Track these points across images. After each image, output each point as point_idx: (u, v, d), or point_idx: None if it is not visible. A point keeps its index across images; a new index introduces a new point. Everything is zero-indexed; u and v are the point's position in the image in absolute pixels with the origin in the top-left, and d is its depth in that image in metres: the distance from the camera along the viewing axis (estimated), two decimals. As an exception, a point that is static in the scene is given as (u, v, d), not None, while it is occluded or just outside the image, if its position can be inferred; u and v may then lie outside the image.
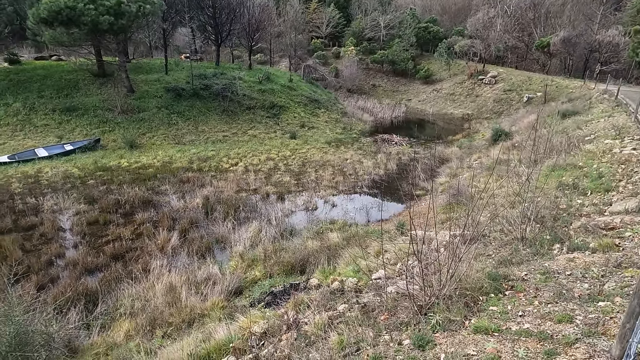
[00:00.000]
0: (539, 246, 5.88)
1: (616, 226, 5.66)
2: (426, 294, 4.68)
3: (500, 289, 4.64)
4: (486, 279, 4.91)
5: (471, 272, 5.23)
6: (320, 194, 15.16)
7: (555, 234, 6.09)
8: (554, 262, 5.01)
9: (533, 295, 4.16)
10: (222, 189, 15.28)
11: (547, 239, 6.01)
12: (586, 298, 3.78)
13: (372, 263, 8.19)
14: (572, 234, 6.08)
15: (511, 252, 6.14)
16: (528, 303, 4.03)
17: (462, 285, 4.84)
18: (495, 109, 38.62)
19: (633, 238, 5.09)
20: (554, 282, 4.36)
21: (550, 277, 4.53)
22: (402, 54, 54.77)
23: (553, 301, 3.88)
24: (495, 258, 6.20)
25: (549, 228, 6.48)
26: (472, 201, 10.99)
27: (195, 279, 8.59)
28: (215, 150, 21.69)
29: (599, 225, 5.88)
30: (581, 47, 38.56)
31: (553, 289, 4.15)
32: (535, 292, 4.26)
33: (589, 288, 3.98)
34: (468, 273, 5.00)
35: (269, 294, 7.82)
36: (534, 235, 6.34)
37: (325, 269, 8.45)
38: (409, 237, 10.36)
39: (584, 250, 5.13)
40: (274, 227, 11.66)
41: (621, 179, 8.09)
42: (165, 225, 11.79)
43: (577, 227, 6.20)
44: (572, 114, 20.64)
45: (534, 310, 3.82)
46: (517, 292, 4.43)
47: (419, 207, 13.59)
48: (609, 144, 11.30)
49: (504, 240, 6.79)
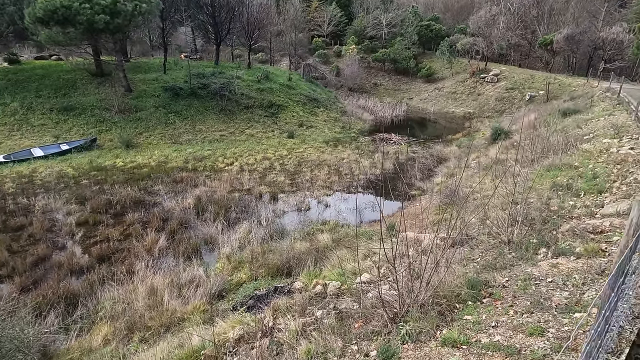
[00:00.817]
0: (525, 250, 5.66)
1: (605, 230, 5.43)
2: (401, 301, 4.49)
3: (479, 296, 4.44)
4: (465, 286, 4.71)
5: (451, 278, 5.04)
6: (314, 194, 14.98)
7: (542, 238, 5.87)
8: (537, 268, 4.80)
9: (510, 304, 3.96)
10: (215, 189, 15.15)
11: (533, 243, 5.79)
12: (563, 308, 3.57)
13: (359, 265, 7.99)
14: (559, 238, 5.85)
15: (496, 256, 5.93)
16: (503, 312, 3.82)
17: (439, 293, 4.65)
18: (497, 108, 38.19)
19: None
20: (533, 290, 4.15)
21: (531, 284, 4.32)
22: (404, 52, 54.40)
23: (529, 311, 3.67)
24: (480, 262, 5.99)
25: (537, 231, 6.26)
26: (463, 203, 10.77)
27: (179, 282, 8.45)
28: (211, 150, 21.57)
29: (588, 228, 5.65)
30: (585, 45, 38.00)
31: (531, 298, 3.95)
32: (513, 300, 4.05)
33: (568, 297, 3.77)
34: (446, 279, 4.80)
35: (252, 297, 7.65)
36: (521, 238, 6.12)
37: (311, 271, 8.28)
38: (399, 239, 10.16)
39: (569, 256, 4.91)
40: (264, 228, 11.49)
41: (616, 179, 7.83)
42: (154, 226, 11.67)
43: (566, 230, 5.97)
44: (573, 112, 20.30)
45: (508, 320, 3.61)
46: (495, 299, 4.23)
47: (413, 208, 13.38)
48: (606, 143, 11.02)
49: (491, 244, 6.57)
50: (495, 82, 42.76)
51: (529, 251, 5.58)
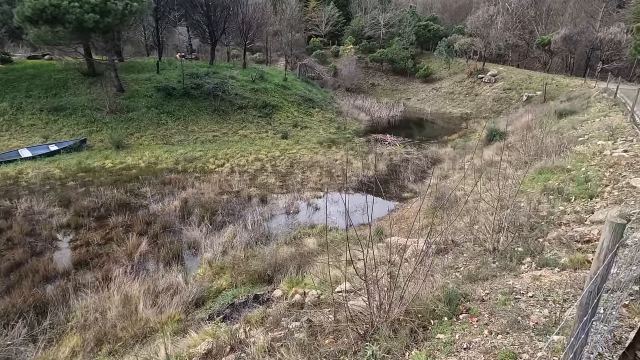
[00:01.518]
0: (509, 260, 5.38)
1: (592, 239, 5.15)
2: (371, 317, 4.20)
3: (455, 311, 4.15)
4: (443, 299, 4.42)
5: (429, 290, 4.76)
6: (304, 197, 14.69)
7: (528, 246, 5.59)
8: (519, 280, 4.52)
9: (485, 322, 3.67)
10: (203, 191, 14.86)
11: (518, 252, 5.50)
12: (541, 329, 3.29)
13: (341, 273, 7.71)
14: (546, 246, 5.57)
15: (480, 265, 5.65)
16: (478, 332, 3.54)
17: (414, 307, 4.36)
18: (495, 108, 37.93)
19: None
20: (512, 306, 3.87)
21: (510, 299, 4.04)
22: (402, 52, 54.13)
23: (504, 331, 3.39)
24: (464, 271, 5.70)
25: (524, 239, 5.97)
26: (451, 207, 10.50)
27: (157, 289, 8.16)
28: (203, 151, 21.27)
29: (575, 237, 5.37)
30: (582, 45, 37.76)
31: (509, 315, 3.66)
32: (490, 317, 3.76)
33: (547, 316, 3.49)
34: (423, 292, 4.52)
35: (230, 305, 7.37)
36: (506, 246, 5.84)
37: (293, 278, 7.99)
38: (385, 244, 9.85)
39: (553, 267, 4.63)
40: (250, 232, 11.20)
41: (607, 183, 7.56)
42: (137, 230, 11.38)
43: (553, 237, 5.69)
44: (569, 113, 20.03)
45: (481, 341, 3.33)
46: (472, 316, 3.95)
47: (403, 211, 13.10)
48: (600, 145, 10.74)
49: (476, 251, 6.29)
50: (492, 82, 42.50)
51: (513, 261, 5.30)
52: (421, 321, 4.16)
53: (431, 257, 7.21)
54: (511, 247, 5.77)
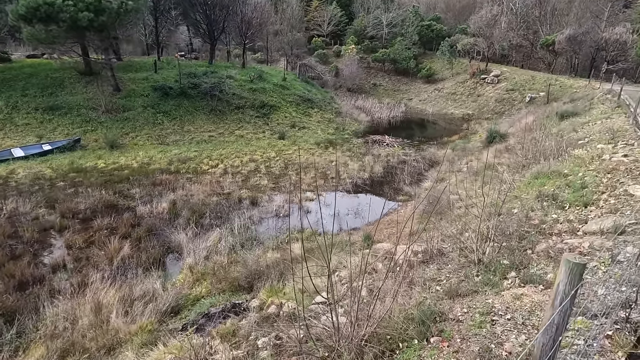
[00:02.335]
0: (493, 273, 5.01)
1: (582, 252, 4.77)
2: (336, 338, 3.87)
3: (427, 334, 3.80)
4: (417, 318, 4.08)
5: (402, 308, 4.41)
6: (296, 199, 14.35)
7: (515, 259, 5.21)
8: (499, 299, 4.16)
9: (456, 349, 3.32)
10: (193, 193, 14.57)
11: (503, 265, 5.13)
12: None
13: (322, 282, 7.37)
14: (533, 259, 5.20)
15: (463, 278, 5.28)
16: None
17: (383, 328, 4.02)
18: (497, 109, 37.40)
19: (597, 271, 4.20)
20: (487, 329, 3.51)
21: (487, 321, 3.68)
22: (404, 52, 53.63)
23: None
24: (445, 285, 5.34)
25: (511, 250, 5.60)
26: (445, 212, 10.11)
27: (133, 296, 7.86)
28: (198, 151, 21.01)
29: (564, 250, 4.99)
30: (587, 46, 37.11)
31: (482, 342, 3.31)
32: (461, 343, 3.41)
33: (522, 344, 3.13)
34: (394, 311, 4.17)
35: (205, 315, 7.05)
36: (492, 258, 5.47)
37: (273, 287, 7.65)
38: (373, 250, 9.49)
39: (538, 284, 4.26)
40: (236, 236, 10.89)
41: (604, 190, 7.15)
42: (121, 233, 11.11)
43: (542, 250, 5.31)
44: (571, 115, 19.54)
45: (447, 373, 2.98)
46: (443, 340, 3.60)
47: (396, 215, 12.73)
48: (600, 149, 10.32)
49: (461, 263, 5.92)
50: (495, 83, 41.94)
51: (496, 275, 4.93)
52: (390, 344, 3.82)
53: (415, 267, 6.88)
54: (497, 259, 5.41)
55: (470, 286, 4.90)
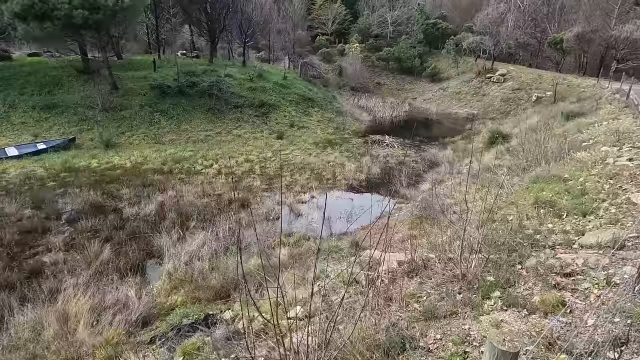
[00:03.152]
0: (475, 291, 4.54)
1: (574, 271, 4.27)
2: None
3: (391, 364, 3.36)
4: (383, 346, 3.63)
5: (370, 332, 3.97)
6: (288, 201, 13.94)
7: (501, 275, 4.73)
8: (477, 325, 3.69)
9: (417, 389, 2.87)
10: (183, 194, 14.23)
11: (488, 282, 4.65)
12: (478, 410, 2.48)
13: (302, 293, 6.95)
14: (522, 275, 4.71)
15: (444, 295, 4.82)
16: (404, 403, 2.74)
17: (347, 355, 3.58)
18: (502, 109, 36.60)
19: (588, 294, 3.71)
20: (457, 365, 3.05)
21: (458, 353, 3.22)
22: (409, 51, 52.90)
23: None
24: (425, 303, 4.88)
25: (498, 265, 5.11)
26: (438, 218, 9.61)
27: (105, 304, 7.50)
28: (193, 151, 20.70)
29: (556, 266, 4.49)
30: (596, 44, 36.12)
31: (447, 380, 2.85)
32: (425, 381, 2.96)
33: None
34: (355, 337, 3.73)
35: (175, 327, 6.67)
36: (478, 273, 4.99)
37: (250, 297, 7.23)
38: (361, 257, 9.01)
39: (521, 309, 3.79)
40: (221, 240, 10.50)
41: (605, 198, 6.62)
42: (104, 236, 10.79)
43: (531, 265, 4.82)
44: (577, 115, 18.88)
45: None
46: (407, 375, 3.14)
47: (389, 219, 12.22)
48: (604, 152, 9.75)
49: (445, 277, 5.44)
50: (501, 82, 41.10)
51: (479, 293, 4.46)
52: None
53: (398, 279, 6.42)
54: (482, 275, 4.93)
55: (450, 306, 4.44)
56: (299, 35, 44.40)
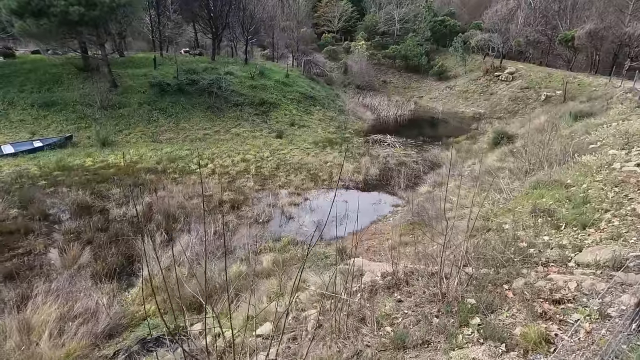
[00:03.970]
0: (453, 315, 4.04)
1: (566, 297, 3.74)
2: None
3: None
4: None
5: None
6: (280, 203, 13.50)
7: (484, 298, 4.21)
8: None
9: None
10: (174, 195, 13.88)
11: (469, 305, 4.14)
12: None
13: (279, 306, 6.49)
14: (508, 298, 4.19)
15: (421, 318, 4.32)
16: None
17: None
18: (510, 108, 35.67)
19: (578, 329, 3.18)
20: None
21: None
22: (416, 48, 52.00)
23: None
24: (400, 326, 4.39)
25: (482, 285, 4.59)
26: (432, 224, 9.10)
27: (73, 312, 7.14)
28: (190, 150, 20.37)
29: (544, 290, 3.96)
30: (609, 41, 34.94)
31: None
32: None
33: None
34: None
35: (141, 341, 6.29)
36: (459, 294, 4.48)
37: (224, 308, 6.83)
38: (348, 265, 8.52)
39: (499, 343, 3.27)
40: (207, 243, 10.10)
41: (609, 208, 6.04)
42: (86, 238, 10.48)
43: (519, 287, 4.29)
44: (586, 115, 18.10)
45: None
46: None
47: (383, 224, 11.74)
48: (611, 155, 9.10)
49: (426, 295, 4.93)
50: (509, 80, 40.10)
51: (457, 319, 3.96)
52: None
53: (379, 294, 5.93)
54: (464, 295, 4.41)
55: (423, 332, 3.94)
56: (303, 33, 43.83)
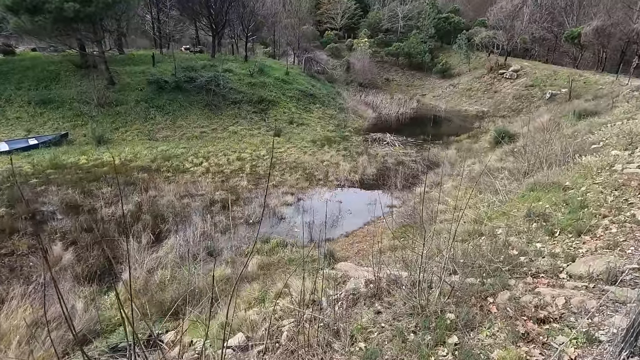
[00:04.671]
0: (431, 332, 3.70)
1: (552, 315, 3.38)
2: None
3: None
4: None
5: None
6: (272, 203, 13.19)
7: (464, 313, 3.87)
8: (415, 387, 2.86)
9: None
10: (165, 194, 13.63)
11: (447, 321, 3.80)
12: None
13: (256, 314, 6.19)
14: (490, 313, 3.84)
15: (396, 334, 3.98)
16: None
17: None
18: (514, 106, 35.07)
19: (561, 356, 2.83)
20: None
21: None
22: (419, 46, 51.38)
23: None
24: (373, 342, 4.06)
25: (465, 298, 4.24)
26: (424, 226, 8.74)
27: (48, 317, 6.89)
28: (186, 148, 20.14)
29: (529, 307, 3.61)
30: (617, 38, 34.19)
31: None
32: None
33: None
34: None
35: (112, 349, 6.02)
36: (439, 307, 4.13)
37: (200, 315, 6.55)
38: (334, 270, 8.20)
39: (473, 368, 2.93)
40: (191, 246, 9.83)
41: (607, 213, 5.65)
42: (71, 238, 10.25)
43: (502, 302, 3.94)
44: (590, 114, 17.60)
45: None
46: None
47: (376, 227, 11.39)
48: (613, 156, 8.67)
49: (405, 308, 4.59)
50: (514, 78, 39.44)
51: (434, 335, 3.62)
52: None
53: (359, 304, 5.60)
54: (445, 309, 4.07)
55: (397, 351, 3.61)
56: (305, 30, 43.43)
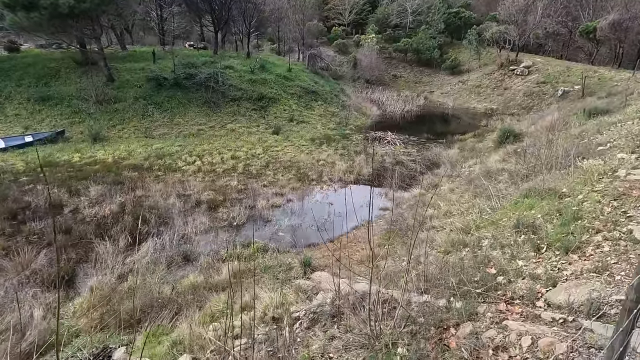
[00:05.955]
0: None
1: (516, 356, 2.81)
2: None
3: None
4: None
5: None
6: (260, 205, 12.73)
7: (418, 348, 3.31)
8: None
9: None
10: (151, 194, 13.29)
11: (398, 358, 3.25)
12: None
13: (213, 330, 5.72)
14: (449, 349, 3.28)
15: (341, 369, 3.46)
16: None
17: None
18: (525, 104, 33.88)
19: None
20: None
21: None
22: (428, 42, 50.19)
23: None
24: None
25: (430, 325, 3.68)
26: (409, 233, 8.24)
27: (1, 326, 6.56)
28: (181, 146, 19.82)
29: (491, 345, 3.04)
30: (634, 33, 32.67)
31: None
32: None
33: None
34: None
35: (60, 365, 5.64)
36: (393, 338, 3.58)
37: (158, 328, 6.12)
38: (309, 279, 7.68)
39: None
40: (167, 250, 9.44)
41: (602, 227, 5.00)
42: (48, 239, 9.97)
43: (465, 335, 3.37)
44: (602, 112, 16.62)
45: None
46: None
47: (363, 230, 10.82)
48: (618, 159, 7.93)
49: (360, 334, 4.05)
50: (525, 74, 38.14)
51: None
52: None
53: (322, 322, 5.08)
54: (398, 342, 3.52)
55: (332, 394, 3.08)
56: (310, 26, 42.77)
